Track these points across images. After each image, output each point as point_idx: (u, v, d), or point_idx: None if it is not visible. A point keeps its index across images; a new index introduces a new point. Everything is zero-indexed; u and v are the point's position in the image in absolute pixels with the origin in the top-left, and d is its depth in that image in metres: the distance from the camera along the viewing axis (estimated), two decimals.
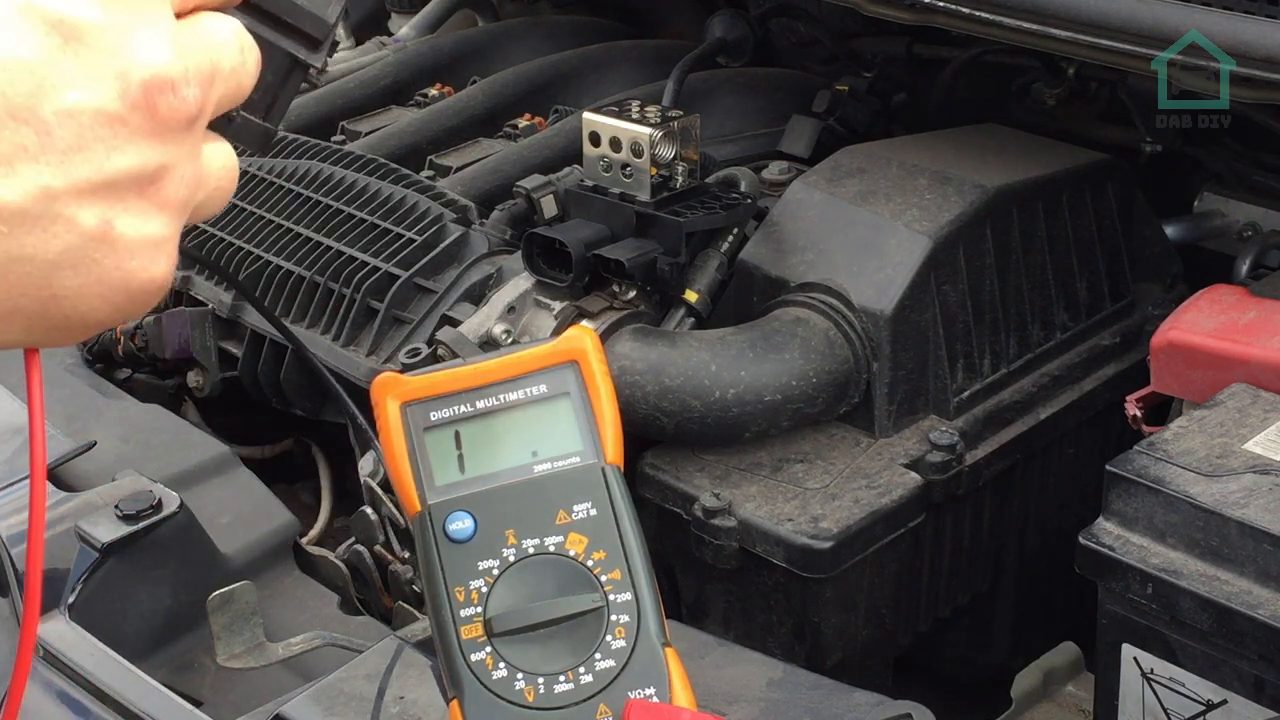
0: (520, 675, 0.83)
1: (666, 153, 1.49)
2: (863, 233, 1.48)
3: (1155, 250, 1.70)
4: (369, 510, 1.42)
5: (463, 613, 0.84)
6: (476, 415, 0.88)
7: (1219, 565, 1.12)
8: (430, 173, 1.82)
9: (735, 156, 1.78)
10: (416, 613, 1.34)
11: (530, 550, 0.85)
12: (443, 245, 1.59)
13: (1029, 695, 1.47)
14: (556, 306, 1.49)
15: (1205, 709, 1.14)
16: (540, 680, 0.83)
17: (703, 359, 1.40)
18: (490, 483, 0.87)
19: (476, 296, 1.56)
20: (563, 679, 0.83)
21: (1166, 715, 1.17)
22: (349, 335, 1.58)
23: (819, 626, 1.37)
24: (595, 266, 1.48)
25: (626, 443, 0.90)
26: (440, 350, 1.47)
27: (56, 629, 1.21)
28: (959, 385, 1.48)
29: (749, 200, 1.55)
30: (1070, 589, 1.30)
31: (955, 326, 1.48)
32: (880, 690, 1.07)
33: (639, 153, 1.48)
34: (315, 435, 1.77)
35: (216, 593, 1.26)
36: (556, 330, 1.47)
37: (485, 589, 0.84)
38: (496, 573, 0.85)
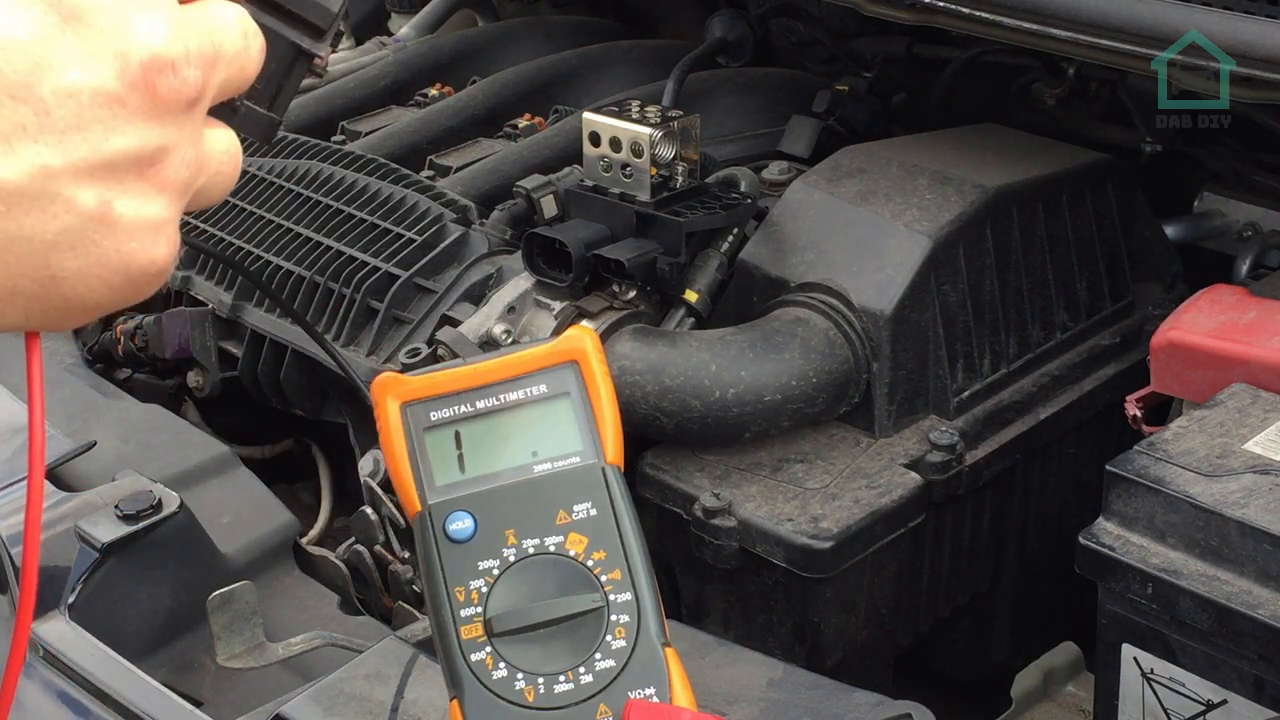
0: (520, 675, 0.83)
1: (666, 153, 1.49)
2: (863, 233, 1.48)
3: (1155, 250, 1.70)
4: (369, 510, 1.42)
5: (463, 613, 0.84)
6: (477, 415, 0.88)
7: (1219, 565, 1.12)
8: (430, 173, 1.82)
9: (735, 156, 1.78)
10: (416, 613, 1.34)
11: (530, 550, 0.85)
12: (443, 245, 1.59)
13: (1029, 695, 1.47)
14: (556, 306, 1.49)
15: (1205, 709, 1.14)
16: (540, 680, 0.83)
17: (703, 359, 1.40)
18: (490, 483, 0.87)
19: (476, 296, 1.56)
20: (563, 679, 0.83)
21: (1166, 715, 1.17)
22: (349, 335, 1.58)
23: (819, 626, 1.37)
24: (595, 266, 1.48)
25: (626, 443, 0.90)
26: (440, 350, 1.47)
27: (56, 629, 1.21)
28: (959, 385, 1.48)
29: (749, 200, 1.55)
30: (1070, 589, 1.29)
31: (955, 326, 1.48)
32: (880, 690, 1.07)
33: (639, 153, 1.48)
34: (315, 435, 1.77)
35: (216, 593, 1.26)
36: (556, 330, 1.47)
37: (485, 589, 0.84)
38: (496, 573, 0.85)
